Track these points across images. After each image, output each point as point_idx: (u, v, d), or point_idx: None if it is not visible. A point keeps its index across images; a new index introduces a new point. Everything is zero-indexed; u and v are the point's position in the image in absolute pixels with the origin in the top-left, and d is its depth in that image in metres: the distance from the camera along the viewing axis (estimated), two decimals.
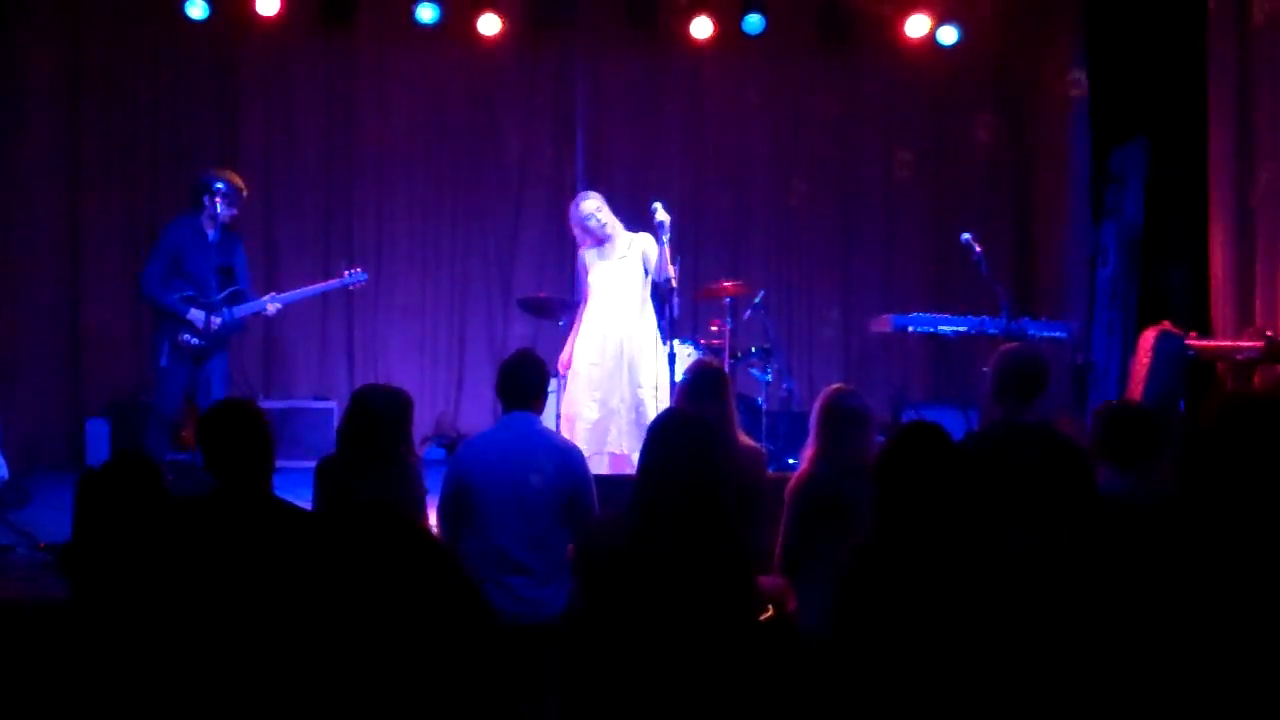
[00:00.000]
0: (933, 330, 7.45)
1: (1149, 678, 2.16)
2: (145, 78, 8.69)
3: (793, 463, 6.47)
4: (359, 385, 4.89)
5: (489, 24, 8.68)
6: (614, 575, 3.17)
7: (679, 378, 5.63)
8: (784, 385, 8.03)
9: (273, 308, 6.63)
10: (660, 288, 6.18)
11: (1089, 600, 2.32)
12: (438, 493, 4.33)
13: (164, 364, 6.35)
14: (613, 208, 6.37)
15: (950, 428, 3.20)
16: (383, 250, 9.06)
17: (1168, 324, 6.87)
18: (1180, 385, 6.70)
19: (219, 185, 6.38)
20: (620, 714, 2.99)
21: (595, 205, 6.27)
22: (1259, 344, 6.36)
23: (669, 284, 6.10)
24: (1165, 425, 5.20)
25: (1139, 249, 8.28)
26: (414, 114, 9.11)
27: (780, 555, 4.10)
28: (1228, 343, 6.77)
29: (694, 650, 3.00)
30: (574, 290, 7.03)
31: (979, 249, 6.72)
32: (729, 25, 8.84)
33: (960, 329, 7.38)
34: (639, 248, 6.25)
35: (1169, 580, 2.21)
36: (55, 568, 5.21)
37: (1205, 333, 7.03)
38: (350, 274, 7.01)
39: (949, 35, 8.98)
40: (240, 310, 6.51)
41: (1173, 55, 7.64)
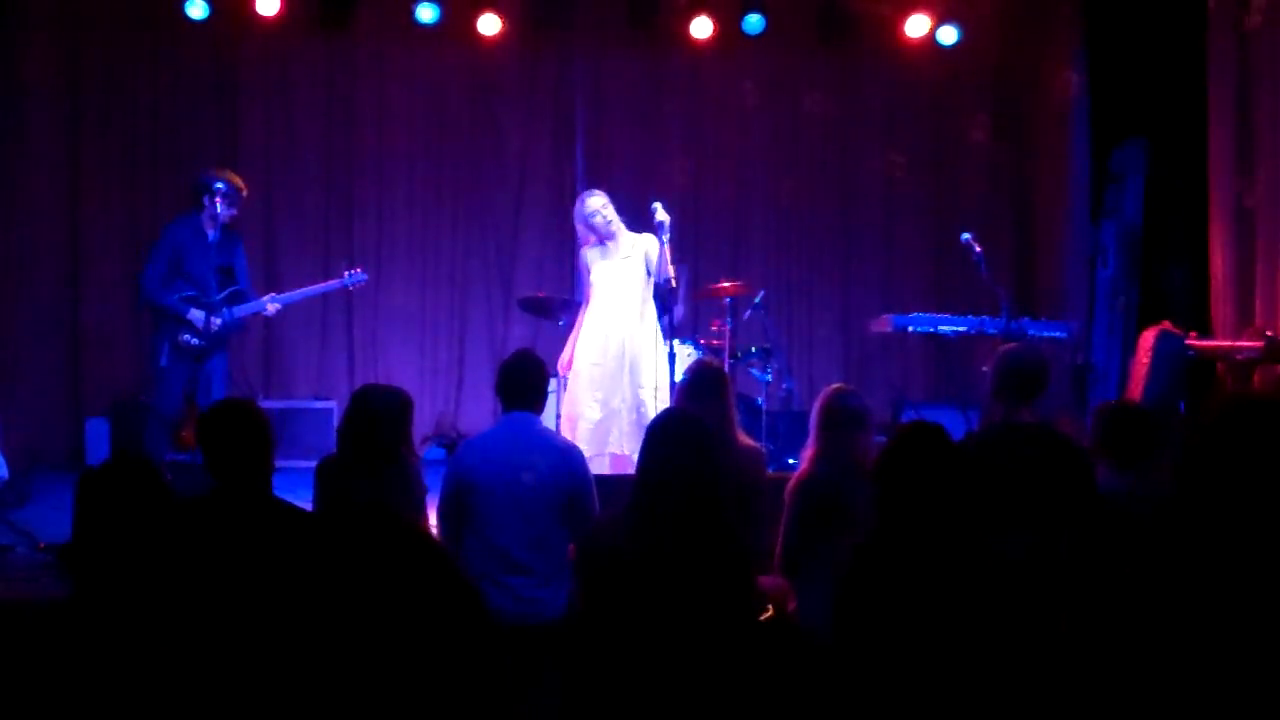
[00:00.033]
0: (933, 330, 7.45)
1: (1148, 677, 2.16)
2: (145, 78, 8.69)
3: (793, 463, 6.47)
4: (359, 385, 4.89)
5: (489, 24, 8.67)
6: (614, 576, 3.17)
7: (679, 378, 5.62)
8: (784, 385, 8.03)
9: (272, 308, 6.64)
10: (661, 288, 6.18)
11: (1088, 600, 2.32)
12: (438, 493, 4.33)
13: (164, 364, 6.36)
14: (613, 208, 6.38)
15: (950, 428, 3.21)
16: (383, 250, 9.05)
17: (1168, 324, 6.87)
18: (1180, 385, 6.70)
19: (219, 185, 6.38)
20: (621, 714, 2.99)
21: (601, 202, 6.28)
22: (1259, 344, 6.37)
23: (669, 284, 6.11)
24: (1165, 425, 5.19)
25: (1139, 249, 8.28)
26: (414, 114, 9.11)
27: (780, 555, 4.10)
28: (1228, 343, 6.77)
29: (694, 651, 3.00)
30: (574, 290, 7.03)
31: (979, 249, 6.72)
32: (729, 25, 8.83)
33: (960, 329, 7.38)
34: (642, 248, 6.25)
35: (1168, 580, 2.21)
36: (55, 567, 5.21)
37: (1205, 333, 7.03)
38: (350, 275, 7.01)
39: (949, 35, 8.97)
40: (240, 311, 6.51)
41: (1172, 55, 7.64)
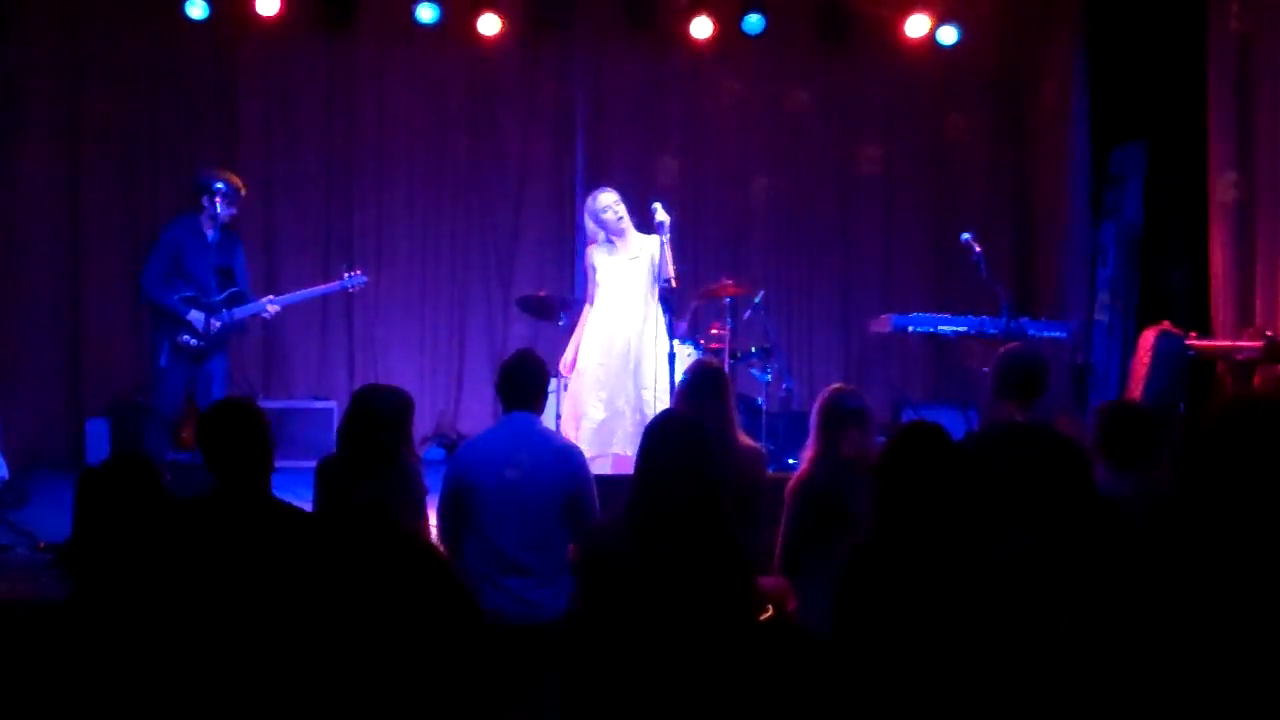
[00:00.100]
0: (933, 330, 7.45)
1: (1148, 677, 2.16)
2: (145, 78, 8.69)
3: (793, 463, 6.47)
4: (359, 385, 4.89)
5: (489, 24, 8.67)
6: (614, 576, 3.17)
7: (679, 378, 5.62)
8: (784, 385, 8.02)
9: (272, 309, 6.64)
10: (663, 289, 6.19)
11: (1088, 600, 2.32)
12: (438, 493, 4.33)
13: (163, 364, 6.36)
14: None
15: (950, 428, 3.21)
16: (383, 250, 9.05)
17: (1168, 324, 6.87)
18: (1180, 385, 6.70)
19: (219, 185, 6.38)
20: (620, 715, 2.99)
21: (613, 199, 6.30)
22: (1259, 344, 6.36)
23: (669, 284, 6.12)
24: (1165, 425, 5.19)
25: (1139, 249, 8.28)
26: (414, 114, 9.11)
27: (780, 555, 4.10)
28: (1228, 343, 6.77)
29: (694, 651, 3.00)
30: (575, 289, 7.03)
31: (979, 249, 6.73)
32: (729, 25, 8.84)
33: (960, 329, 7.38)
34: (649, 250, 6.26)
35: (1169, 580, 2.21)
36: (55, 567, 5.21)
37: (1205, 333, 7.02)
38: (350, 277, 7.01)
39: (949, 35, 8.97)
40: (239, 312, 6.51)
41: (1172, 56, 7.64)
